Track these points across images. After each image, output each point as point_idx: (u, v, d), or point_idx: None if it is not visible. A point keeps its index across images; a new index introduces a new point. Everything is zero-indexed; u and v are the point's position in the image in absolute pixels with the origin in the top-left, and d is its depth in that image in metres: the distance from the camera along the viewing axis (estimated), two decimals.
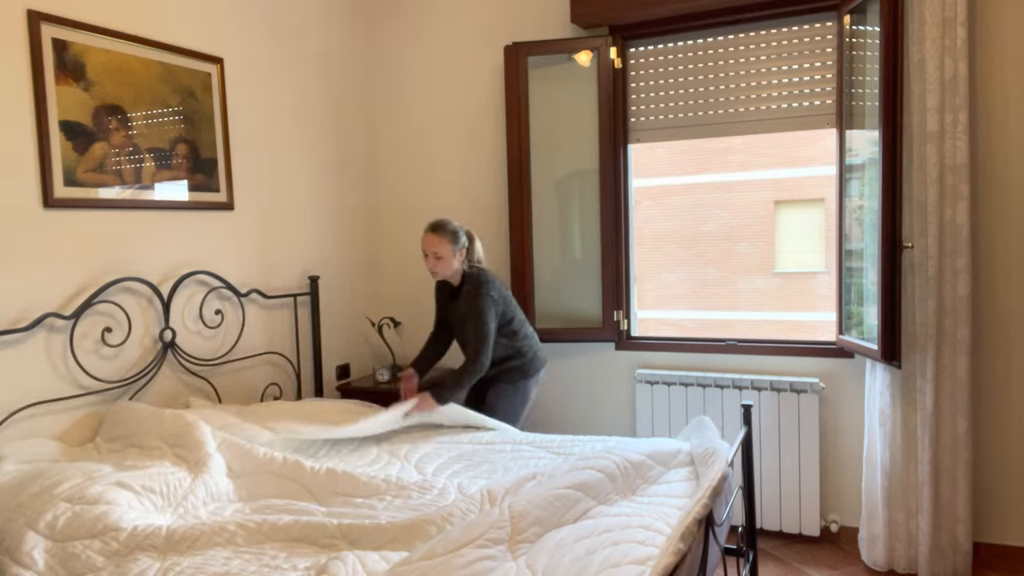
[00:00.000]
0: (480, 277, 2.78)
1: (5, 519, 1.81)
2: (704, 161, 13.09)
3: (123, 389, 2.50)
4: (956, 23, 2.59)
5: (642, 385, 3.26)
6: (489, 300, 2.73)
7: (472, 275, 2.80)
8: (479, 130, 3.64)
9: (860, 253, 2.87)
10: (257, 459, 2.22)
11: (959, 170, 2.63)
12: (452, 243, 2.74)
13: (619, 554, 1.62)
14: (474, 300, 2.72)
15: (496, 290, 2.78)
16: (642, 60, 3.30)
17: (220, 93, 2.88)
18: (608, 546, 1.67)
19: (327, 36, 3.52)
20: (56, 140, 2.28)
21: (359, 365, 3.75)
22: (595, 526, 1.76)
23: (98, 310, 2.42)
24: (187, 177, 2.74)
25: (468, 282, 2.80)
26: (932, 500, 2.72)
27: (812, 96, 3.02)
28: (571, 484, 1.88)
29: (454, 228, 2.76)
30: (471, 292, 2.75)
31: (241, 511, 2.04)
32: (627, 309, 3.41)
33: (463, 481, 2.20)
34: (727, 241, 12.97)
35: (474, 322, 2.71)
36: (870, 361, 2.86)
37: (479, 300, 2.72)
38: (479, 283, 2.75)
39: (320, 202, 3.47)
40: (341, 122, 3.62)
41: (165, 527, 1.80)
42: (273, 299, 3.14)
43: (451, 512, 1.85)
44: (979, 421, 2.79)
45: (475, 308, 2.72)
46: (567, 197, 3.38)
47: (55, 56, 2.28)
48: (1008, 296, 2.73)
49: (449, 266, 2.76)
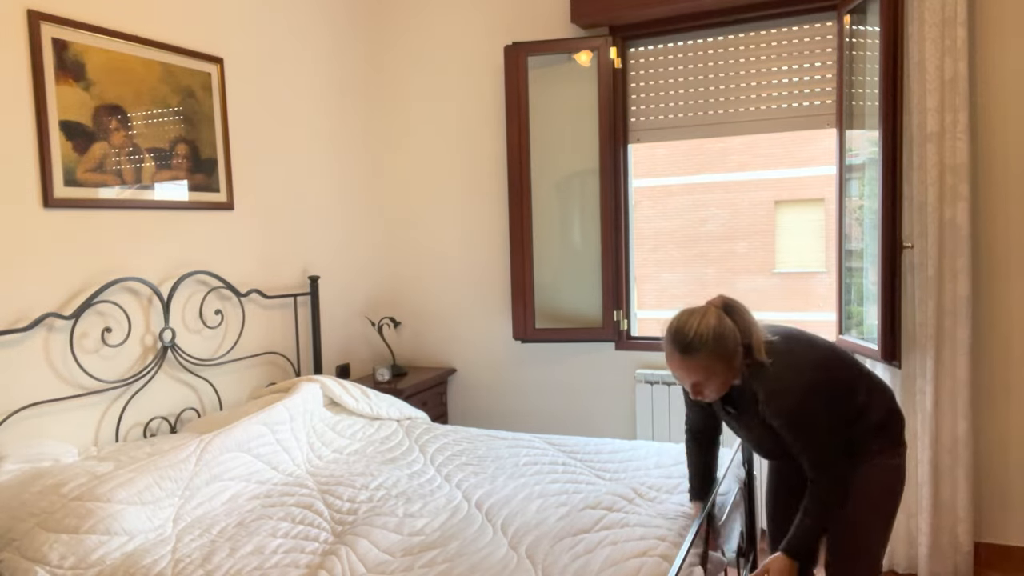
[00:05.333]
0: (781, 376, 1.72)
1: (10, 518, 1.81)
2: (704, 161, 13.09)
3: (123, 389, 2.50)
4: (956, 23, 2.59)
5: (642, 385, 3.26)
6: (814, 401, 1.71)
7: (764, 372, 1.74)
8: (479, 130, 3.64)
9: (860, 253, 2.87)
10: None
11: (959, 170, 2.63)
12: (722, 360, 1.70)
13: (618, 553, 1.62)
14: (786, 412, 1.71)
15: (816, 384, 1.72)
16: (642, 60, 3.30)
17: (220, 93, 2.88)
18: (607, 545, 1.67)
19: (327, 36, 3.52)
20: (56, 140, 2.28)
21: (359, 365, 3.75)
22: (593, 522, 1.75)
23: (98, 310, 2.42)
24: (187, 177, 2.74)
25: (758, 381, 1.75)
26: (932, 500, 2.72)
27: (812, 96, 3.02)
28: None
29: (716, 334, 1.69)
30: (775, 401, 1.72)
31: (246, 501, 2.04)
32: (627, 309, 3.41)
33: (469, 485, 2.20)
34: (727, 241, 12.97)
35: (797, 435, 1.72)
36: (870, 361, 2.86)
37: (796, 413, 1.71)
38: (785, 388, 1.71)
39: (320, 202, 3.47)
40: (341, 121, 3.62)
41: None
42: (273, 299, 3.14)
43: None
44: (979, 421, 2.79)
45: (793, 421, 1.71)
46: (567, 197, 3.38)
47: (55, 56, 2.28)
48: (1008, 296, 2.73)
49: (726, 383, 1.75)
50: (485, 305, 3.69)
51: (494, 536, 1.82)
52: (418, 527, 1.88)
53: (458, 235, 3.73)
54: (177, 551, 1.78)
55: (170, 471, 2.02)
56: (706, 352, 1.67)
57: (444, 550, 1.74)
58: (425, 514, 1.96)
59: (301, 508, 2.03)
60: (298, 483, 2.23)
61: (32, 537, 1.75)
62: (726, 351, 1.69)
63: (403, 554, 1.74)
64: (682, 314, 1.75)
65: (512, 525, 1.87)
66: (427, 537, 1.82)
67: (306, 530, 1.89)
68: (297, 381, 2.84)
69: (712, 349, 1.67)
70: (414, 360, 3.90)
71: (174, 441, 2.36)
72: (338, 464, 2.41)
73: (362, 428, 2.73)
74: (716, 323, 1.69)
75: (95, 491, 1.85)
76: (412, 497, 2.08)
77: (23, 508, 1.83)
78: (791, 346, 1.77)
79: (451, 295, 3.77)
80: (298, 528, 1.90)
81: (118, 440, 2.47)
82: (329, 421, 2.69)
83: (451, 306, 3.77)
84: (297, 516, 1.97)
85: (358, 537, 1.79)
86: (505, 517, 1.93)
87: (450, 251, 3.75)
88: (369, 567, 1.67)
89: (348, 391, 2.88)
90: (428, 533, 1.84)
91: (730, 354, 1.70)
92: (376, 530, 1.84)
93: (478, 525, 1.89)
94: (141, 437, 2.55)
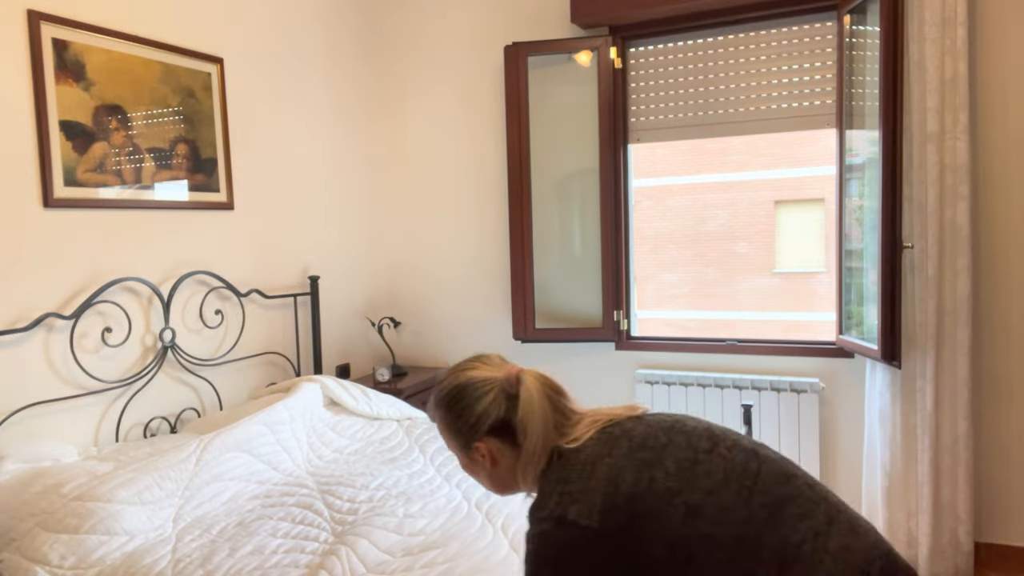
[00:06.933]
0: (544, 491, 1.10)
1: (10, 518, 1.81)
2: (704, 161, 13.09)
3: (123, 389, 2.50)
4: (956, 23, 2.59)
5: (642, 385, 3.26)
6: (543, 540, 1.05)
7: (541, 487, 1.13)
8: (479, 130, 3.64)
9: (860, 253, 2.87)
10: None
11: (959, 170, 2.63)
12: (452, 433, 1.22)
13: None
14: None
15: (552, 538, 1.03)
16: (642, 60, 3.30)
17: (220, 93, 2.88)
18: None
19: (327, 36, 3.52)
20: (56, 140, 2.28)
21: (359, 365, 3.75)
22: None
23: (98, 310, 2.42)
24: (187, 177, 2.74)
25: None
26: (932, 500, 2.72)
27: (812, 96, 3.02)
28: None
29: (450, 396, 1.21)
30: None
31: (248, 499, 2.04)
32: (627, 309, 3.41)
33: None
34: (727, 241, 12.97)
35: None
36: (870, 361, 2.86)
37: (527, 545, 1.08)
38: (536, 507, 1.09)
39: (320, 202, 3.47)
40: (341, 121, 3.62)
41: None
42: (273, 299, 3.14)
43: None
44: (979, 421, 2.79)
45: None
46: (567, 197, 3.38)
47: (55, 56, 2.28)
48: (1008, 296, 2.73)
49: (487, 476, 1.23)
50: (485, 305, 3.69)
51: (494, 536, 1.82)
52: (418, 527, 1.88)
53: (458, 235, 3.73)
54: (177, 551, 1.78)
55: (170, 471, 2.02)
56: (440, 417, 1.23)
57: (444, 550, 1.74)
58: (425, 514, 1.96)
59: (301, 508, 2.03)
60: (298, 483, 2.23)
61: (32, 537, 1.75)
62: (460, 431, 1.20)
63: (403, 554, 1.74)
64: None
65: (512, 525, 1.87)
66: (427, 537, 1.82)
67: (306, 530, 1.89)
68: (297, 381, 2.84)
69: (444, 414, 1.22)
70: (414, 360, 3.90)
71: (174, 441, 2.36)
72: (338, 464, 2.41)
73: (362, 428, 2.73)
74: (460, 385, 1.21)
75: (95, 491, 1.85)
76: (412, 497, 2.08)
77: (23, 508, 1.83)
78: (604, 449, 1.09)
79: (451, 295, 3.77)
80: (298, 528, 1.90)
81: (118, 440, 2.47)
82: (329, 421, 2.69)
83: (451, 306, 3.77)
84: (297, 516, 1.97)
85: (358, 537, 1.79)
86: (505, 517, 1.93)
87: (450, 251, 3.75)
88: (369, 567, 1.67)
89: (348, 391, 2.87)
90: (428, 533, 1.84)
91: (476, 439, 1.19)
92: (376, 530, 1.84)
93: (478, 525, 1.89)
94: (141, 437, 2.55)
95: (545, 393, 1.17)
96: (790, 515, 0.99)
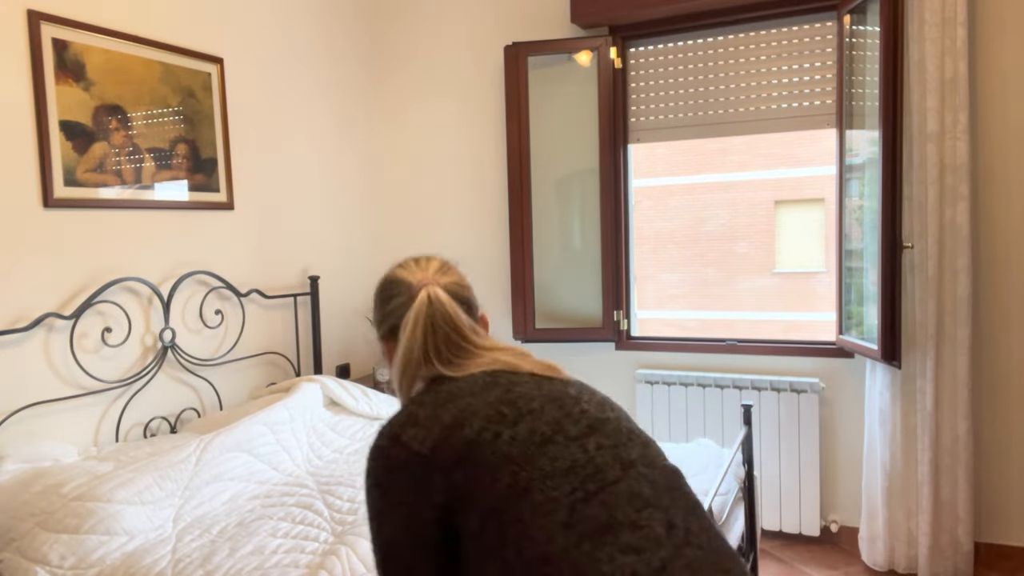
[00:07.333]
0: (400, 410, 1.05)
1: (10, 518, 1.81)
2: (704, 161, 13.09)
3: (123, 389, 2.50)
4: (956, 23, 2.59)
5: (642, 385, 3.26)
6: (375, 454, 1.00)
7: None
8: (479, 130, 3.64)
9: (860, 253, 2.87)
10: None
11: (959, 170, 2.63)
12: (373, 324, 1.23)
13: None
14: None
15: (394, 442, 0.98)
16: (642, 60, 3.30)
17: (220, 93, 2.88)
18: None
19: (327, 36, 3.52)
20: (56, 140, 2.28)
21: (359, 365, 3.75)
22: None
23: (98, 310, 2.42)
24: (187, 177, 2.74)
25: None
26: (932, 500, 2.72)
27: (812, 96, 3.02)
28: None
29: (377, 289, 1.21)
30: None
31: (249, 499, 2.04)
32: (627, 309, 3.41)
33: None
34: (727, 241, 12.97)
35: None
36: (870, 361, 2.86)
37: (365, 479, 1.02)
38: (385, 422, 1.04)
39: (320, 202, 3.47)
40: (341, 122, 3.62)
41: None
42: (273, 299, 3.14)
43: None
44: (979, 421, 2.79)
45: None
46: (567, 197, 3.38)
47: (55, 56, 2.28)
48: (1008, 296, 2.73)
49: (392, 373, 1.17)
50: (485, 305, 3.69)
51: None
52: None
53: (458, 235, 3.73)
54: (177, 551, 1.78)
55: (170, 471, 2.02)
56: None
57: None
58: None
59: (301, 508, 2.03)
60: (298, 483, 2.23)
61: (32, 537, 1.75)
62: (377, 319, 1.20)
63: None
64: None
65: None
66: None
67: (306, 530, 1.89)
68: (297, 381, 2.84)
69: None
70: None
71: (174, 441, 2.36)
72: (338, 464, 2.41)
73: (362, 428, 2.73)
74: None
75: (95, 491, 1.85)
76: None
77: (23, 508, 1.83)
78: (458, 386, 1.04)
79: None
80: (298, 528, 1.90)
81: (118, 440, 2.47)
82: (329, 421, 2.69)
83: None
84: (297, 516, 1.97)
85: (358, 537, 1.79)
86: None
87: (450, 251, 3.75)
88: (369, 567, 1.67)
89: (348, 391, 2.87)
90: None
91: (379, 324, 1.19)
92: None
93: None
94: (141, 437, 2.55)
95: (437, 317, 1.11)
96: (616, 544, 0.83)
